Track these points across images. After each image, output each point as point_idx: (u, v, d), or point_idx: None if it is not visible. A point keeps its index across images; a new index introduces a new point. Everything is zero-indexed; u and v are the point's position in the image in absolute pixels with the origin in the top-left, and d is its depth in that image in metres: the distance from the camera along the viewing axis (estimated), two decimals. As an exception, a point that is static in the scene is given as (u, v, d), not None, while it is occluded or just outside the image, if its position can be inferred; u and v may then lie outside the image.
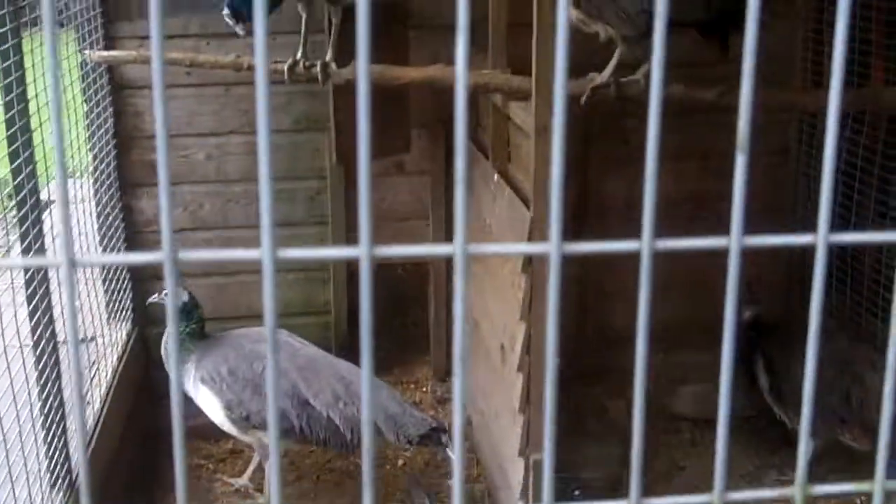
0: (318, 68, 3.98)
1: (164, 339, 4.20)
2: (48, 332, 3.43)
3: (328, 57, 4.02)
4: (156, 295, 4.30)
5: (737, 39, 3.42)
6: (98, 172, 4.44)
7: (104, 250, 4.42)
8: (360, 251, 0.69)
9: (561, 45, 0.69)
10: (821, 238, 0.69)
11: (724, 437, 0.84)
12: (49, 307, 3.43)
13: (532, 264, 3.58)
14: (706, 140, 4.47)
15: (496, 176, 4.12)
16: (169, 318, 0.77)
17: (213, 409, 4.00)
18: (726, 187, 0.78)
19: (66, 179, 0.65)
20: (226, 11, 3.81)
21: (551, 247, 0.66)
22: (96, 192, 4.47)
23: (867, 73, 4.36)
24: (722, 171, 4.48)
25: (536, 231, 3.59)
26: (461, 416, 0.78)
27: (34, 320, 3.32)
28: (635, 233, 0.81)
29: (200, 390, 3.99)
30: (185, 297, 4.10)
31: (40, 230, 3.39)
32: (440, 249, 0.73)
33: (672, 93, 3.59)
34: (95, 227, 4.41)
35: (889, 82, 4.29)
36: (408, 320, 5.21)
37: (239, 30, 3.82)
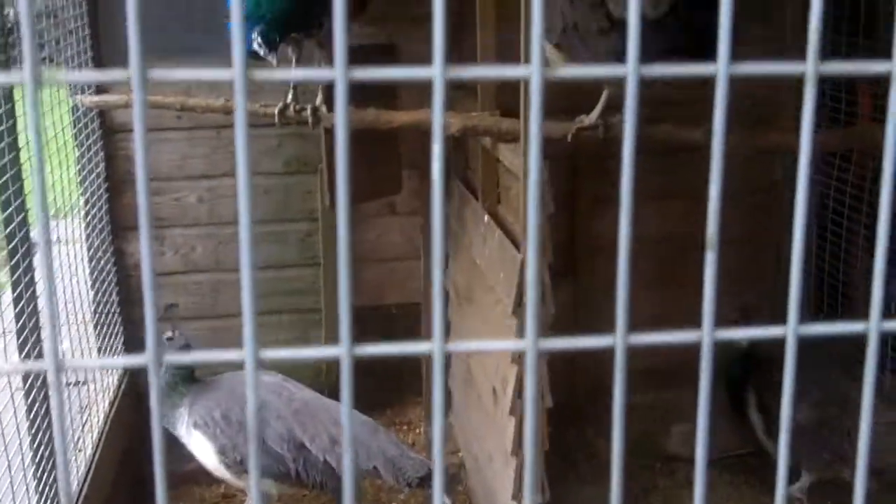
0: (309, 112, 4.01)
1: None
2: (39, 379, 3.43)
3: (318, 101, 4.05)
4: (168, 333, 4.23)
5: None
6: (90, 217, 4.46)
7: (95, 294, 4.44)
8: (341, 351, 0.70)
9: (535, 92, 0.71)
10: (790, 331, 0.71)
11: (701, 487, 0.85)
12: (39, 343, 3.42)
13: (522, 307, 3.60)
14: (692, 179, 4.47)
15: (486, 217, 4.14)
16: (154, 415, 0.77)
17: (206, 453, 4.00)
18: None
19: (53, 282, 0.67)
20: (257, 41, 3.77)
21: (527, 343, 0.68)
22: (88, 235, 4.49)
23: (855, 111, 4.40)
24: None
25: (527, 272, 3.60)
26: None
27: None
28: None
29: (193, 435, 3.99)
30: (182, 342, 4.10)
31: (32, 278, 3.40)
32: (420, 347, 0.75)
33: (658, 133, 3.62)
34: (87, 270, 4.42)
35: (877, 120, 4.32)
36: (400, 359, 5.20)
37: (271, 58, 3.79)
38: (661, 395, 4.70)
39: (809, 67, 0.65)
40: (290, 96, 4.05)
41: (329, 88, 4.07)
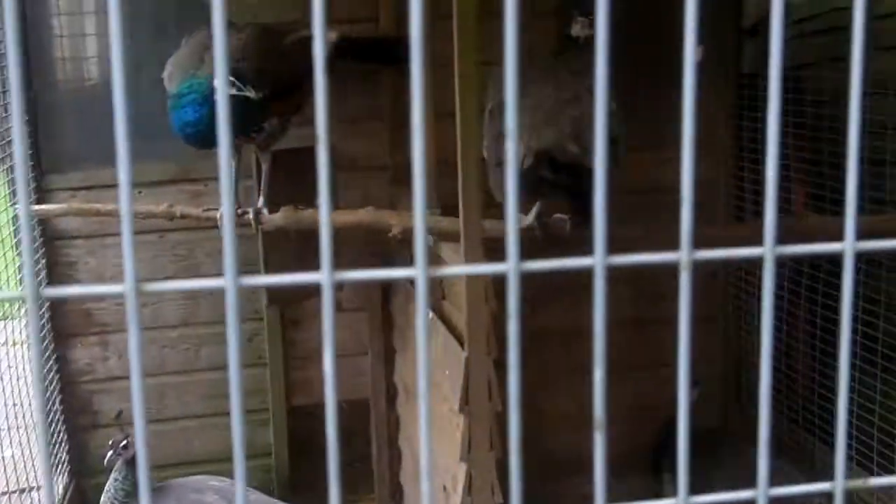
0: (251, 215, 4.03)
1: (103, 496, 4.12)
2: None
3: (260, 203, 4.07)
4: (111, 452, 4.14)
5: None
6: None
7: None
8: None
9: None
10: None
11: None
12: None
13: (468, 404, 3.61)
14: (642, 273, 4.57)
15: (430, 314, 4.15)
16: None
17: (151, 564, 3.92)
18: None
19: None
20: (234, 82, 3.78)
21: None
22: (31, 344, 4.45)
23: (789, 197, 4.49)
24: (657, 293, 4.49)
25: (472, 370, 3.62)
26: None
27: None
28: (571, 362, 0.85)
29: (138, 546, 3.91)
30: (133, 452, 4.02)
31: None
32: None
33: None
34: (30, 378, 4.38)
35: (808, 206, 4.41)
36: (351, 456, 5.17)
37: (249, 93, 3.81)
38: (617, 483, 4.71)
39: (684, 256, 0.68)
40: (231, 199, 4.07)
41: (270, 188, 4.10)
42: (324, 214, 0.69)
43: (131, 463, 3.98)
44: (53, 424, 4.50)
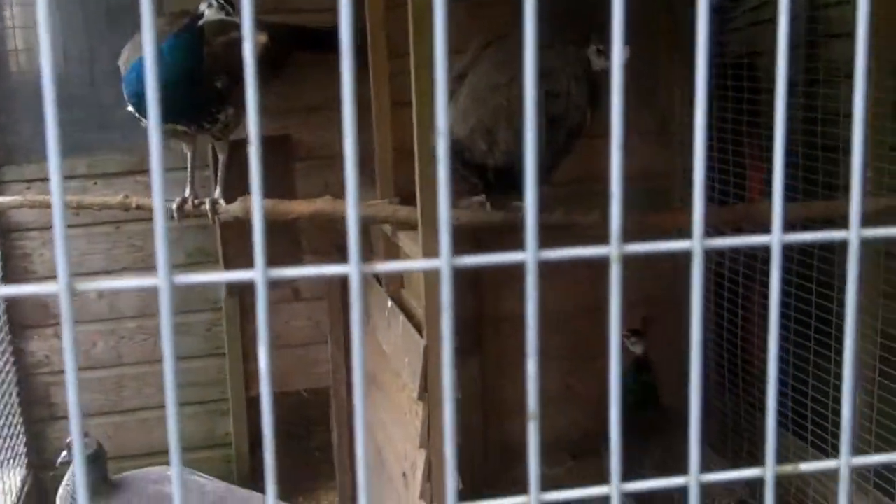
0: (208, 206, 4.00)
1: (61, 489, 4.09)
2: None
3: (217, 193, 4.05)
4: (65, 452, 4.11)
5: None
6: (-14, 318, 4.40)
7: (-5, 394, 4.36)
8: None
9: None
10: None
11: None
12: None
13: (427, 392, 3.62)
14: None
15: (389, 302, 4.16)
16: None
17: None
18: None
19: None
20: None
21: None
22: (-15, 336, 4.42)
23: (744, 183, 4.52)
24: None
25: (431, 358, 3.63)
26: None
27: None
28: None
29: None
30: (95, 447, 3.98)
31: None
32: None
33: (552, 219, 3.68)
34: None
35: (765, 193, 4.44)
36: (311, 444, 5.18)
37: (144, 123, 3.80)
38: (577, 463, 4.77)
39: (613, 250, 0.69)
40: (188, 190, 4.04)
41: (226, 178, 4.08)
42: (256, 213, 0.69)
43: (90, 457, 3.95)
44: (10, 417, 4.46)
